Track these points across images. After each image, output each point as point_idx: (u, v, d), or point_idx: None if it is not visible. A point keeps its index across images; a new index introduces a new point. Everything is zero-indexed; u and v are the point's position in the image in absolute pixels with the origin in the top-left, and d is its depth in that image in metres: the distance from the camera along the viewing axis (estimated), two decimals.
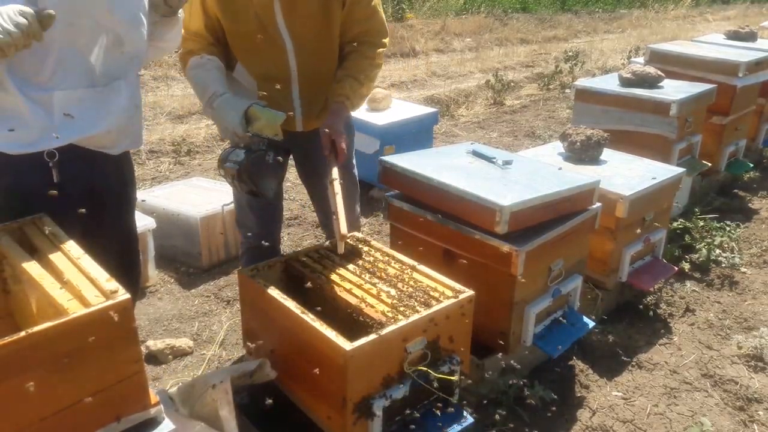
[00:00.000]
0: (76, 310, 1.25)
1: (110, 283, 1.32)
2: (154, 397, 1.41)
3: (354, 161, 2.55)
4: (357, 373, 1.71)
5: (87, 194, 1.79)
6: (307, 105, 2.30)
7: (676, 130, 3.64)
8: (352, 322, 1.90)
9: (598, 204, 2.57)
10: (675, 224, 3.80)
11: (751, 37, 5.12)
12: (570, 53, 8.82)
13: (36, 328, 1.18)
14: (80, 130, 1.73)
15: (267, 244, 2.42)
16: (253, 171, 1.99)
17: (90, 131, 1.75)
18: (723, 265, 3.63)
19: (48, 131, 1.67)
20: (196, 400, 1.91)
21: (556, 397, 2.46)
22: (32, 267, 1.44)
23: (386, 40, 2.30)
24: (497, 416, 2.34)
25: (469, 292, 1.95)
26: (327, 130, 2.14)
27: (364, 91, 2.27)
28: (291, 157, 2.48)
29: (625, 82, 3.86)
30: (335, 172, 2.10)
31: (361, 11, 2.20)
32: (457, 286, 1.98)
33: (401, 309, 1.87)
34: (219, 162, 2.06)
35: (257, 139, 2.01)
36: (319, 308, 1.89)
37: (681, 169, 3.13)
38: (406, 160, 2.49)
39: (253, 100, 2.05)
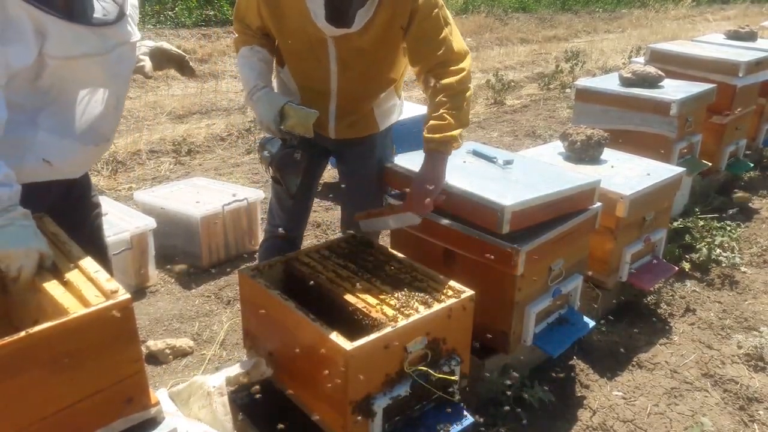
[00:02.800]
0: (76, 310, 1.25)
1: (110, 283, 1.32)
2: (154, 397, 1.41)
3: None
4: (357, 372, 1.71)
5: (47, 210, 1.78)
6: (340, 118, 2.33)
7: (676, 129, 3.64)
8: (352, 322, 1.90)
9: (599, 204, 2.57)
10: (675, 224, 3.80)
11: (751, 36, 5.12)
12: (570, 53, 8.82)
13: (36, 328, 1.18)
14: (52, 175, 1.76)
15: (290, 235, 2.57)
16: (280, 165, 2.15)
17: (58, 176, 1.80)
18: (723, 264, 3.63)
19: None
20: (194, 402, 1.91)
21: (554, 398, 2.46)
22: None
23: (464, 64, 2.18)
24: (497, 416, 2.34)
25: (469, 292, 1.95)
26: (414, 181, 2.19)
27: (452, 123, 2.11)
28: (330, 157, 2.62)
29: (626, 82, 3.86)
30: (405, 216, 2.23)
31: (429, 45, 2.13)
32: (458, 285, 1.98)
33: (401, 309, 1.87)
34: (258, 147, 2.24)
35: (289, 136, 2.13)
36: (316, 304, 1.89)
37: (681, 169, 3.13)
38: (407, 160, 2.48)
39: (288, 98, 2.15)
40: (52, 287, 1.35)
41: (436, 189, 2.14)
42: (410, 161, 2.48)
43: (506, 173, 2.45)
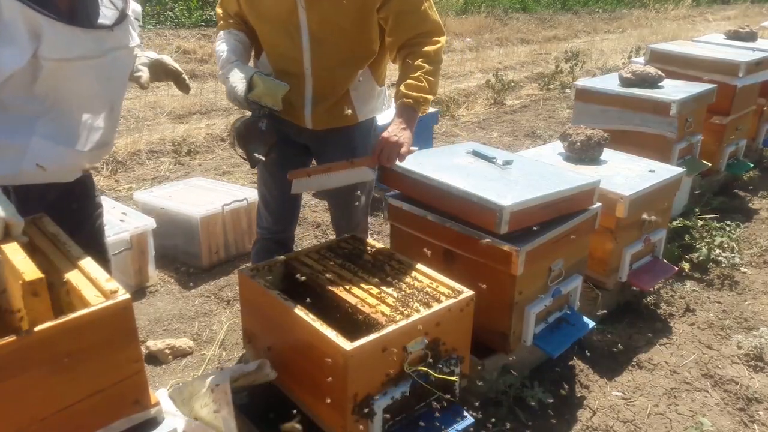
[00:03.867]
0: (32, 277, 1.24)
1: (110, 283, 1.32)
2: (154, 397, 1.41)
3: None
4: (357, 372, 1.71)
5: (47, 209, 1.79)
6: (317, 103, 2.29)
7: (676, 130, 3.64)
8: (352, 322, 1.90)
9: (598, 204, 2.57)
10: (675, 224, 3.80)
11: (751, 37, 5.12)
12: (570, 53, 8.82)
13: (36, 328, 1.18)
14: (44, 179, 1.76)
15: (280, 237, 2.58)
16: (242, 133, 2.09)
17: (53, 180, 1.80)
18: (723, 264, 3.63)
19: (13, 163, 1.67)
20: (196, 401, 1.91)
21: (553, 399, 2.46)
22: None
23: (441, 37, 2.23)
24: (497, 416, 2.34)
25: (469, 292, 1.95)
26: (383, 134, 2.16)
27: (427, 87, 2.16)
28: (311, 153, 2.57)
29: (626, 82, 3.86)
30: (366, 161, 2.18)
31: (411, 19, 2.17)
32: (457, 286, 1.98)
33: (401, 309, 1.87)
34: (229, 130, 2.16)
35: (257, 107, 2.08)
36: (315, 304, 1.89)
37: (681, 169, 3.13)
38: (406, 160, 2.48)
39: (255, 69, 2.12)
40: (12, 252, 1.30)
41: (407, 144, 2.15)
42: (410, 161, 2.48)
43: (506, 173, 2.45)
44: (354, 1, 2.10)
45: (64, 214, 1.78)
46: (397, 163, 2.20)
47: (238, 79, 2.08)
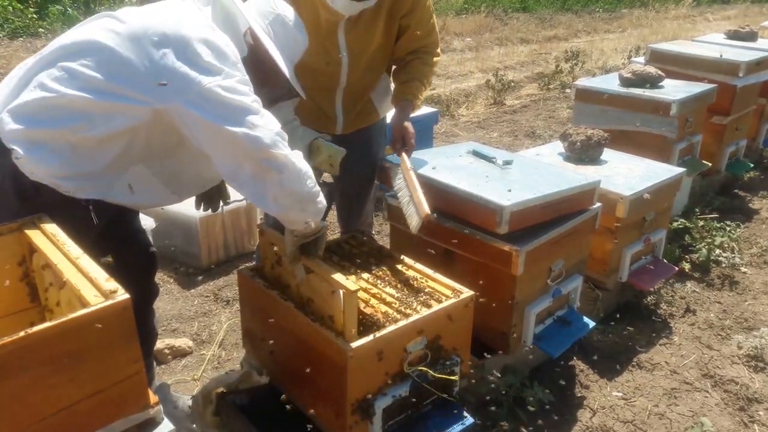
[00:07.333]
0: (75, 310, 1.25)
1: (110, 283, 1.32)
2: (154, 397, 1.41)
3: None
4: (357, 372, 1.71)
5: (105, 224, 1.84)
6: (347, 112, 2.45)
7: (676, 130, 3.64)
8: None
9: (599, 204, 2.57)
10: (675, 224, 3.80)
11: (751, 36, 5.12)
12: (570, 53, 8.81)
13: (36, 328, 1.18)
14: (128, 201, 1.81)
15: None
16: None
17: (135, 206, 1.87)
18: (723, 265, 3.63)
19: (105, 189, 1.73)
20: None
21: (554, 398, 2.46)
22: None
23: (439, 50, 2.52)
24: (497, 416, 2.34)
25: (469, 292, 1.95)
26: (397, 125, 2.37)
27: (424, 93, 2.46)
28: None
29: (626, 82, 3.86)
30: (408, 162, 2.28)
31: (422, 29, 2.41)
32: (457, 286, 1.98)
33: (401, 309, 1.87)
34: None
35: (316, 173, 2.06)
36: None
37: (681, 169, 3.13)
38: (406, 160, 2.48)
39: (317, 134, 2.19)
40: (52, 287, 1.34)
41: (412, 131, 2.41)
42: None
43: (506, 173, 2.45)
44: (384, 13, 2.26)
45: (123, 224, 1.88)
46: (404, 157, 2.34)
47: (298, 144, 2.09)
